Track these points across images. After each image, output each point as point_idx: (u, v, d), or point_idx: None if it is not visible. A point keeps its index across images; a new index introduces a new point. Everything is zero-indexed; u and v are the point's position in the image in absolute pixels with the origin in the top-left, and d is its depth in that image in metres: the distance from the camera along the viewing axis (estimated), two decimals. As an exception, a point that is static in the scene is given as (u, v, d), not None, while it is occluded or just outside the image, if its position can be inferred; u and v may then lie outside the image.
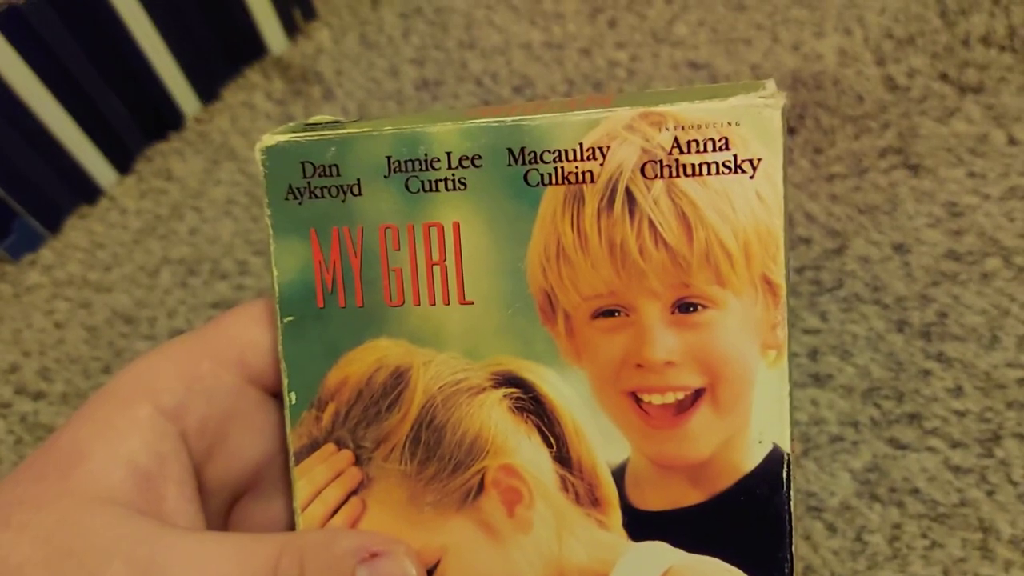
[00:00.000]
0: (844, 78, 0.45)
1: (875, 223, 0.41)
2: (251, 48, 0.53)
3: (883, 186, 0.42)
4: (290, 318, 0.22)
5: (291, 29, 0.54)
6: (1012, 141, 0.42)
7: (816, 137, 0.44)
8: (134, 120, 0.50)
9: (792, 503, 0.19)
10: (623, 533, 0.21)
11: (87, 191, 0.50)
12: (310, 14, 0.55)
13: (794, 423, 0.37)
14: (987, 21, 0.45)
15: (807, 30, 0.47)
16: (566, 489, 0.21)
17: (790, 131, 0.44)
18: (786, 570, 0.20)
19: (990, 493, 0.35)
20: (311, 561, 0.20)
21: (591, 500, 0.21)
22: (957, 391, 0.37)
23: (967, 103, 0.43)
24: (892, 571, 0.34)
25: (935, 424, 0.36)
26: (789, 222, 0.42)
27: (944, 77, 0.44)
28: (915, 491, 0.35)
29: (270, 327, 0.23)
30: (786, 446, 0.19)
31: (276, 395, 0.24)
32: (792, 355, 0.37)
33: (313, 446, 0.22)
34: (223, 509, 0.24)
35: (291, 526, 0.23)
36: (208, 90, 0.52)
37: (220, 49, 0.52)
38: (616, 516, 0.21)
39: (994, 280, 0.39)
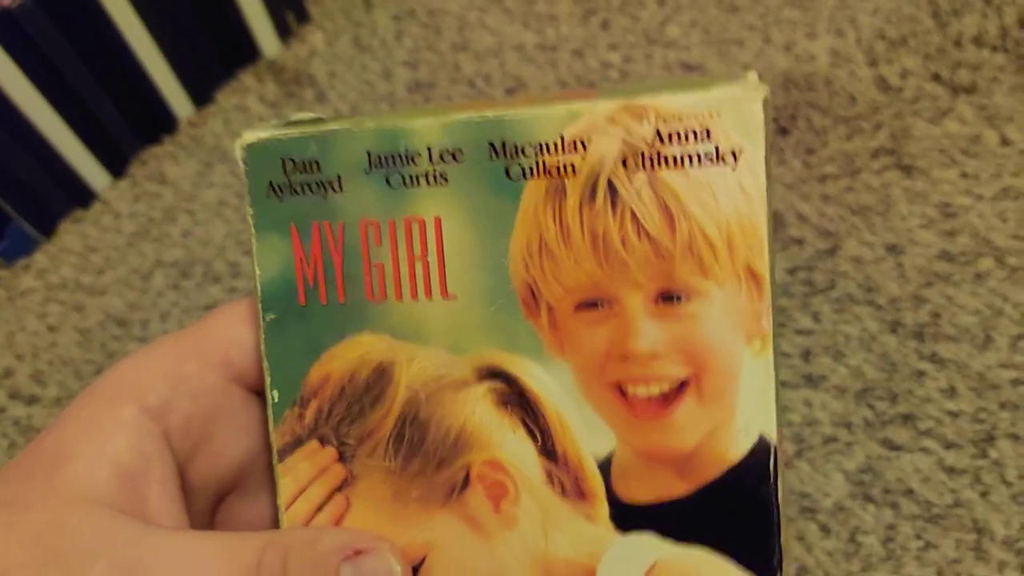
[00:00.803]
0: (836, 79, 0.45)
1: (868, 224, 0.41)
2: (244, 51, 0.53)
3: (876, 187, 0.42)
4: (272, 316, 0.22)
5: (284, 32, 0.54)
6: (1005, 141, 0.42)
7: (808, 138, 0.44)
8: (127, 123, 0.50)
9: (780, 492, 0.19)
10: (610, 526, 0.20)
11: (80, 195, 0.50)
12: (303, 17, 0.55)
13: (787, 424, 0.37)
14: (979, 22, 0.45)
15: (799, 31, 0.47)
16: (552, 482, 0.21)
17: (783, 132, 0.44)
18: (775, 559, 0.19)
19: (984, 494, 0.35)
20: (295, 559, 0.20)
21: (577, 493, 0.20)
22: (951, 392, 0.37)
23: (960, 104, 0.43)
24: (886, 572, 0.34)
25: (929, 425, 0.36)
26: (774, 215, 0.41)
27: (937, 78, 0.44)
28: (909, 492, 0.35)
29: (255, 326, 0.23)
30: (772, 436, 0.19)
31: (261, 393, 0.24)
32: (780, 350, 0.37)
33: (296, 443, 0.22)
34: (208, 508, 0.24)
35: (276, 524, 0.23)
36: (201, 93, 0.52)
37: (213, 52, 0.52)
38: (603, 509, 0.20)
39: (987, 280, 0.39)
